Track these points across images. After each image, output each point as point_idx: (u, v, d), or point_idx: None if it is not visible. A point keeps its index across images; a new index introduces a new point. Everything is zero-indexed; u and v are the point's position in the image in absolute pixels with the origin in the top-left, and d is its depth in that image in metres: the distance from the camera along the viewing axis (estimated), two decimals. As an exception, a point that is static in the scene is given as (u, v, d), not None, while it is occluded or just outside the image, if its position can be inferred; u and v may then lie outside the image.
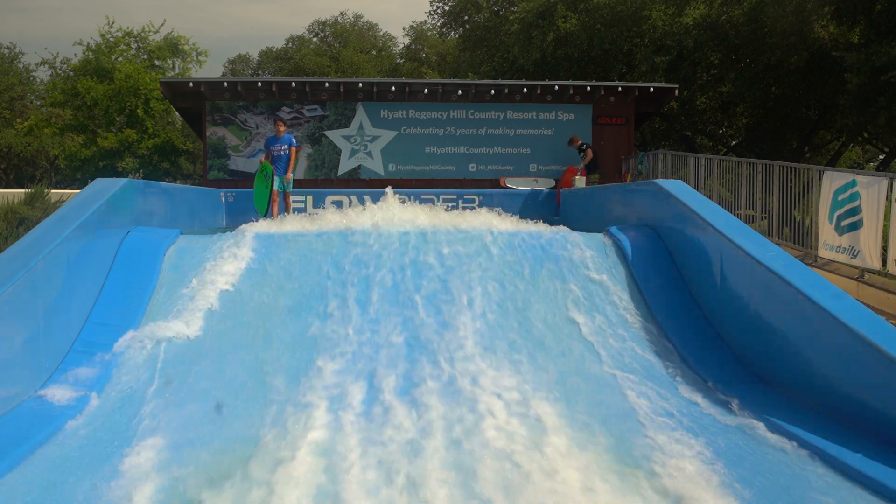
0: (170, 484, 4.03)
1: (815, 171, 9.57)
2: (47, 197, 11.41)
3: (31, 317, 5.02)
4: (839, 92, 17.02)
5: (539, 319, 6.42)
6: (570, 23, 20.80)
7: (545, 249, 7.36)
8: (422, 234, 7.39)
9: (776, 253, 6.00)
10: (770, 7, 17.07)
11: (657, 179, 8.50)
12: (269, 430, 4.65)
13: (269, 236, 7.40)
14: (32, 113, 32.65)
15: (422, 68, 37.64)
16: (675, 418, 5.03)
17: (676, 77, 19.23)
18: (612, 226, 8.03)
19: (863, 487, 4.07)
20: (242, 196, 10.50)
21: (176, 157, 26.45)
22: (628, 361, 5.93)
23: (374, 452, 4.39)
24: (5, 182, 33.54)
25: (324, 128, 16.63)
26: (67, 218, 5.94)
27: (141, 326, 5.94)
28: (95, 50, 26.32)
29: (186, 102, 16.92)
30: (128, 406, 4.93)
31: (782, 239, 10.22)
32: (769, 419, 4.90)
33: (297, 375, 5.40)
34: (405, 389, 5.24)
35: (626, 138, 17.16)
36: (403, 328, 6.08)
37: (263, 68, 41.26)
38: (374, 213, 8.52)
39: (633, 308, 6.71)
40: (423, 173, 16.69)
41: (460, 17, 27.70)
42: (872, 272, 8.29)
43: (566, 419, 4.91)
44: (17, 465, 4.04)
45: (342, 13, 49.52)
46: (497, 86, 16.79)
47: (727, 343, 6.25)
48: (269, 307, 6.34)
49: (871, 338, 4.64)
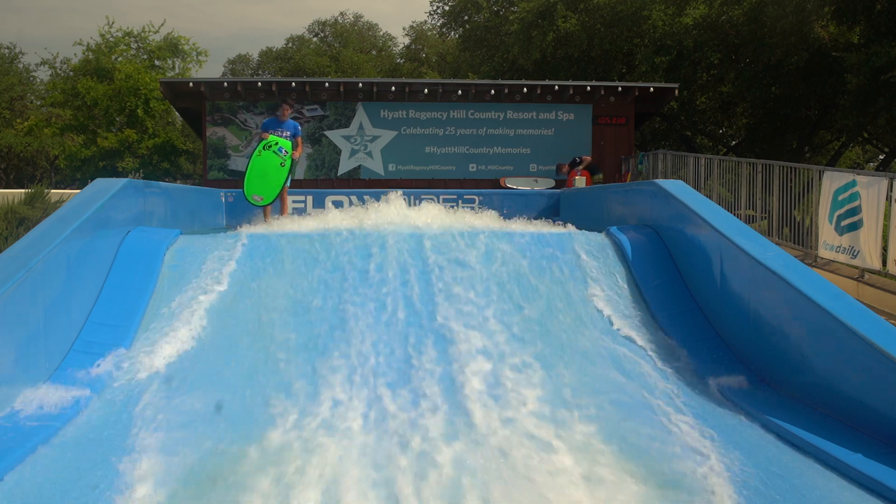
0: (170, 484, 4.03)
1: (815, 171, 9.58)
2: (47, 197, 11.41)
3: (31, 317, 5.01)
4: (839, 92, 17.04)
5: (538, 319, 6.41)
6: (570, 23, 20.81)
7: (545, 249, 7.35)
8: (422, 234, 7.38)
9: (776, 253, 5.99)
10: (770, 7, 17.08)
11: (657, 179, 8.50)
12: (269, 430, 4.65)
13: (269, 236, 7.39)
14: (32, 113, 32.66)
15: (422, 68, 37.66)
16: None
17: (676, 77, 19.23)
18: (612, 226, 8.03)
19: (863, 488, 4.07)
20: (243, 196, 10.51)
21: (176, 157, 26.46)
22: (628, 361, 5.93)
23: (375, 455, 4.38)
24: (5, 182, 33.55)
25: (324, 128, 16.64)
26: (67, 218, 5.93)
27: (141, 327, 5.93)
28: (95, 50, 26.34)
29: (186, 102, 16.93)
30: (127, 406, 4.93)
31: (782, 239, 10.23)
32: (769, 419, 4.90)
33: (298, 376, 5.39)
34: (406, 390, 5.24)
35: (626, 138, 17.17)
36: (404, 329, 6.07)
37: (263, 68, 41.28)
38: (376, 213, 8.51)
39: (633, 308, 6.71)
40: (423, 173, 16.70)
41: (460, 17, 27.72)
42: (872, 272, 8.29)
43: (563, 416, 4.91)
44: (16, 465, 4.04)
45: (342, 13, 49.54)
46: (497, 86, 16.80)
47: (727, 343, 6.25)
48: (270, 308, 6.33)
49: (871, 338, 4.64)
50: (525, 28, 21.60)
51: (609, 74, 22.89)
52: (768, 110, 20.92)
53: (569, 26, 20.77)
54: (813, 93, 18.94)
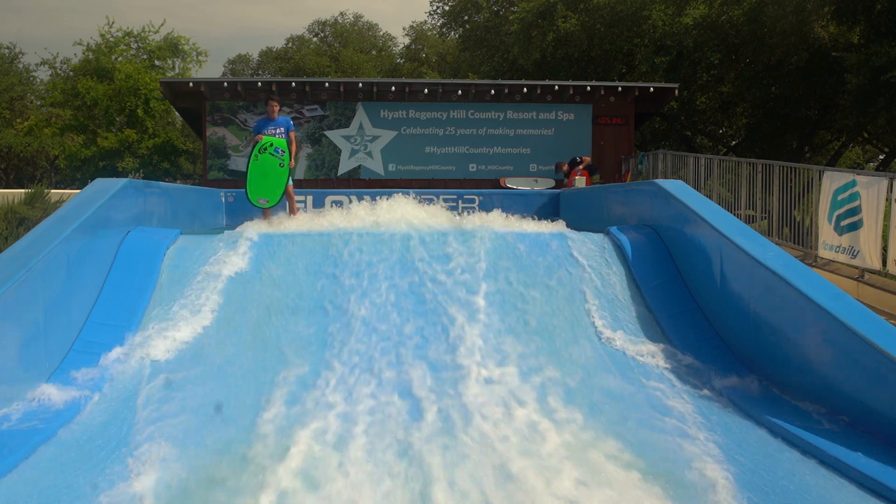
0: (170, 484, 4.03)
1: (815, 171, 9.58)
2: (47, 197, 11.40)
3: (31, 317, 5.01)
4: (839, 92, 17.04)
5: (538, 319, 6.41)
6: (570, 23, 20.81)
7: (545, 249, 7.35)
8: (423, 234, 7.38)
9: (776, 253, 5.99)
10: (770, 7, 17.08)
11: (657, 179, 8.50)
12: (269, 431, 4.65)
13: (270, 236, 7.39)
14: (32, 113, 32.65)
15: (422, 68, 37.66)
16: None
17: (676, 77, 19.24)
18: (612, 226, 8.03)
19: (863, 488, 4.07)
20: (242, 196, 10.48)
21: (176, 157, 26.45)
22: (627, 361, 5.93)
23: (375, 455, 4.38)
24: (5, 182, 33.55)
25: (324, 128, 16.64)
26: (67, 218, 5.94)
27: (141, 326, 5.93)
28: (95, 50, 26.33)
29: (186, 102, 16.93)
30: (127, 406, 4.93)
31: (782, 239, 10.23)
32: (769, 419, 4.90)
33: (298, 377, 5.39)
34: (406, 390, 5.24)
35: (626, 138, 17.17)
36: (405, 329, 6.08)
37: (263, 68, 41.28)
38: (378, 213, 8.51)
39: (633, 308, 6.71)
40: (423, 173, 16.70)
41: (460, 17, 27.73)
42: (872, 272, 8.29)
43: (564, 417, 4.91)
44: (16, 465, 4.04)
45: (342, 13, 49.55)
46: (497, 86, 16.80)
47: (727, 343, 6.25)
48: (270, 308, 6.33)
49: (871, 338, 4.64)
50: (525, 28, 21.60)
51: (609, 74, 22.90)
52: (768, 110, 20.93)
53: (569, 26, 20.77)
54: (813, 93, 18.94)
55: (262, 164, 9.30)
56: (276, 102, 9.53)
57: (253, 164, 9.38)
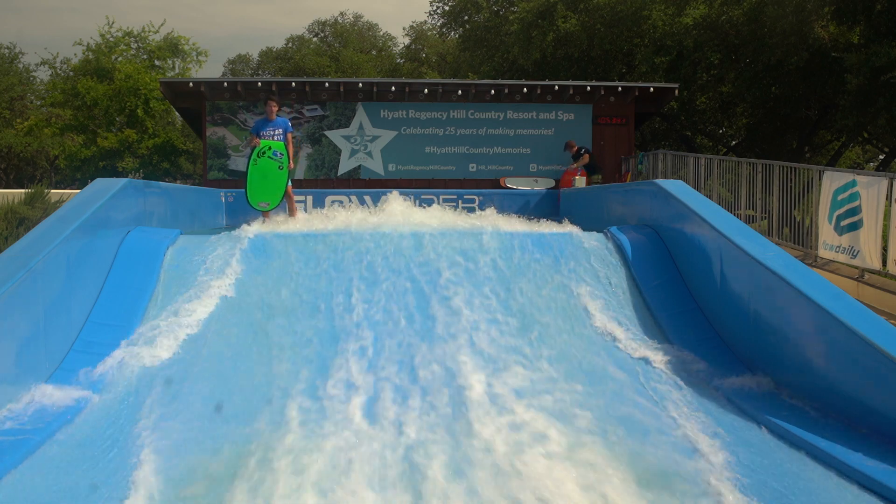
0: (169, 484, 4.03)
1: (815, 171, 9.57)
2: (47, 197, 11.41)
3: (31, 316, 5.01)
4: (839, 92, 17.03)
5: (538, 319, 6.41)
6: (570, 23, 20.80)
7: (545, 249, 7.36)
8: (423, 234, 7.39)
9: (776, 253, 6.00)
10: (770, 7, 17.08)
11: (657, 179, 8.50)
12: (269, 431, 4.65)
13: (269, 236, 7.40)
14: (32, 113, 32.64)
15: (422, 68, 37.65)
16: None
17: (676, 77, 19.22)
18: (612, 226, 8.03)
19: (863, 488, 4.07)
20: (242, 196, 10.47)
21: (176, 157, 26.44)
22: (627, 361, 5.93)
23: (375, 455, 4.38)
24: (5, 182, 33.54)
25: (324, 128, 16.64)
26: (67, 218, 5.94)
27: (141, 326, 5.94)
28: (95, 50, 26.32)
29: (186, 102, 16.92)
30: (127, 406, 4.93)
31: (782, 239, 10.22)
32: (769, 419, 4.91)
33: (298, 377, 5.39)
34: (405, 390, 5.24)
35: (626, 138, 17.16)
36: (404, 328, 6.08)
37: (263, 68, 41.27)
38: (379, 213, 8.51)
39: (633, 308, 6.72)
40: (423, 173, 16.68)
41: (460, 17, 27.70)
42: (872, 272, 8.29)
43: (565, 418, 4.91)
44: (16, 465, 4.04)
45: (342, 13, 49.53)
46: (497, 86, 16.79)
47: (727, 343, 6.25)
48: (270, 308, 6.33)
49: (871, 338, 4.64)
50: (525, 28, 21.58)
51: (609, 74, 22.88)
52: (768, 110, 20.92)
53: (569, 26, 20.76)
54: (813, 93, 18.93)
55: (261, 168, 9.42)
56: (275, 103, 9.60)
57: (252, 168, 9.49)
